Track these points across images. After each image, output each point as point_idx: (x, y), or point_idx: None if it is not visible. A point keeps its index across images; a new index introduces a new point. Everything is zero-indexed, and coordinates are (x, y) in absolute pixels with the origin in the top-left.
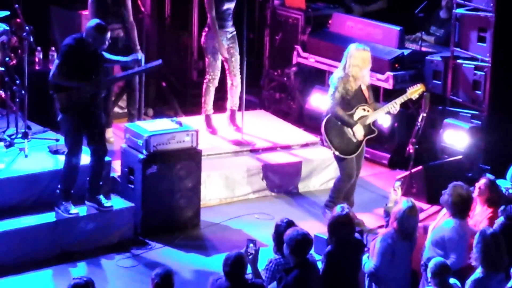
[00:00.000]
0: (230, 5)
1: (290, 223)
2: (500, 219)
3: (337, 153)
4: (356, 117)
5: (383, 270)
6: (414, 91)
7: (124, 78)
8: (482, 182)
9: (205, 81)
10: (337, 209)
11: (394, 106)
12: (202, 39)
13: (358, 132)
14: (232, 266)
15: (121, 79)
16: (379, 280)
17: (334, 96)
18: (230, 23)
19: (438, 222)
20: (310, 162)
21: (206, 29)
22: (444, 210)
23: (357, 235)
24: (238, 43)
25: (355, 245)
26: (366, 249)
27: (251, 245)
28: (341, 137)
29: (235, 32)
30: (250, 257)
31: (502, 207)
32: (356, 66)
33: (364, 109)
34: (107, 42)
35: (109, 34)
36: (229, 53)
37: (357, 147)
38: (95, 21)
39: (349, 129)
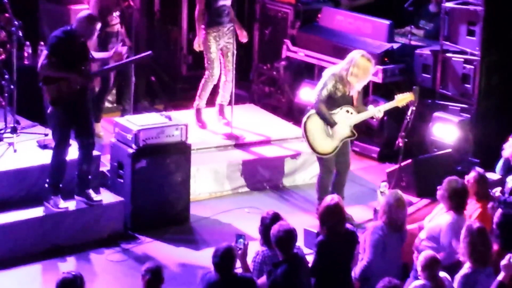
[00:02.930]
0: (226, 2)
1: (275, 216)
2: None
3: (315, 152)
4: (338, 117)
5: (376, 263)
6: (403, 99)
7: (113, 69)
8: (471, 175)
9: (204, 76)
10: (327, 199)
11: (379, 111)
12: (202, 37)
13: (336, 133)
14: (222, 258)
15: (111, 70)
16: (372, 274)
17: (321, 93)
18: (227, 19)
19: (434, 216)
20: (299, 156)
21: (203, 26)
22: (441, 205)
23: (350, 226)
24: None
25: (347, 236)
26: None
27: (241, 240)
28: (319, 136)
29: (232, 28)
30: (240, 251)
31: (490, 204)
32: (355, 76)
33: (348, 111)
34: (96, 33)
35: (99, 25)
36: (225, 49)
37: (334, 148)
38: (86, 11)
39: (329, 129)
